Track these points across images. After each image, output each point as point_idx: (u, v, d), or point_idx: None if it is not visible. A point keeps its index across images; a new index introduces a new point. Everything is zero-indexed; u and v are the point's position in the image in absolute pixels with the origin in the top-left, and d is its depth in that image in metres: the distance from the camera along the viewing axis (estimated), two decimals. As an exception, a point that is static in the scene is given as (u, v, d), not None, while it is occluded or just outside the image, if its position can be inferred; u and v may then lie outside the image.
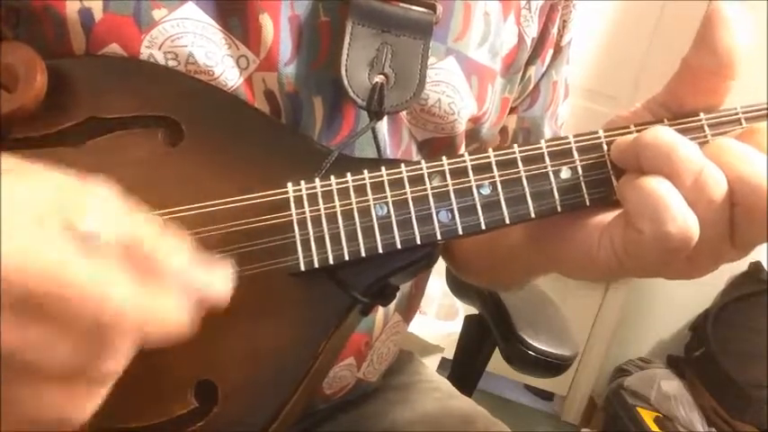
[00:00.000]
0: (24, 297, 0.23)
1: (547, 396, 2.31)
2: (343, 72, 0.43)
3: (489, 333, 0.87)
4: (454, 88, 0.49)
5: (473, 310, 0.93)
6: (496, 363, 0.86)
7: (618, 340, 2.15)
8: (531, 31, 0.55)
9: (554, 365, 0.80)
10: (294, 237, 0.38)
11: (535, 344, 0.79)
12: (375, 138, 0.44)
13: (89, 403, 0.27)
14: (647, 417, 1.84)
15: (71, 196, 0.26)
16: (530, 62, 0.56)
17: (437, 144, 0.52)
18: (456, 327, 1.47)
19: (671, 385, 1.89)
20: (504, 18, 0.52)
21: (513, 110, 0.59)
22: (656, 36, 1.94)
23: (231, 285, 0.30)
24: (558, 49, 0.58)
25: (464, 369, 0.94)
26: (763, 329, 1.80)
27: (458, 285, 0.95)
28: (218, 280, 0.29)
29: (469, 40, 0.50)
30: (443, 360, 1.54)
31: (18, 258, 0.23)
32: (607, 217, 0.37)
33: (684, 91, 0.36)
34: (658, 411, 1.86)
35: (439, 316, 1.62)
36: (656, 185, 0.32)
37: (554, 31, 0.56)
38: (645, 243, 0.33)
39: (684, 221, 0.32)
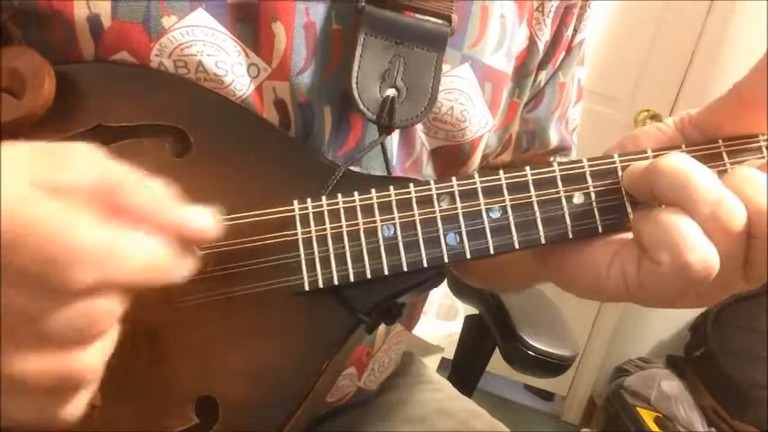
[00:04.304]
0: None
1: (547, 396, 2.31)
2: (354, 84, 0.42)
3: (489, 333, 0.87)
4: (467, 96, 0.49)
5: (473, 310, 0.93)
6: (496, 363, 0.87)
7: (618, 340, 2.14)
8: (544, 36, 0.53)
9: (554, 365, 0.80)
10: (299, 256, 0.37)
11: (535, 344, 0.79)
12: (384, 152, 0.44)
13: (83, 367, 0.26)
14: (647, 417, 1.84)
15: (46, 158, 0.26)
16: (541, 67, 0.55)
17: (448, 152, 0.51)
18: (456, 327, 1.48)
19: (671, 385, 1.89)
20: (519, 21, 0.51)
21: None
22: (656, 37, 1.94)
23: (217, 225, 0.29)
24: (567, 50, 0.56)
25: (464, 369, 0.94)
26: (763, 329, 1.80)
27: (458, 285, 0.95)
28: (198, 215, 0.28)
29: (485, 46, 0.49)
30: (443, 360, 1.54)
31: None
32: (614, 242, 0.36)
33: (727, 117, 0.35)
34: (658, 411, 1.86)
35: (439, 316, 1.62)
36: (673, 217, 0.31)
37: (568, 33, 0.55)
38: (663, 275, 0.32)
39: (704, 251, 0.31)
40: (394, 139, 0.48)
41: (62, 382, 0.26)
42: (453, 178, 0.37)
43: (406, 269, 0.37)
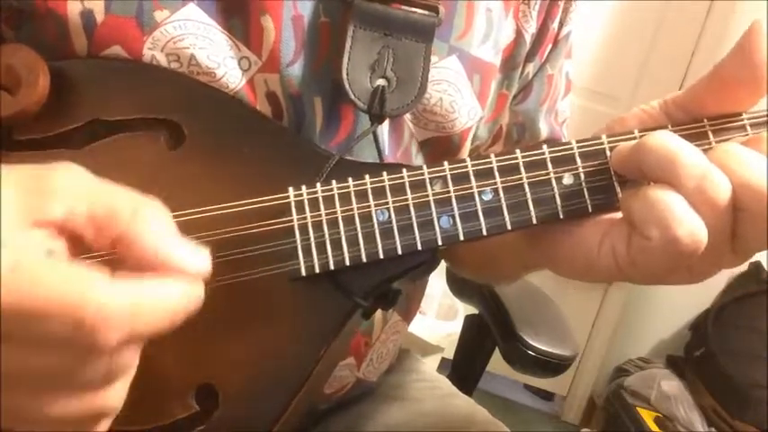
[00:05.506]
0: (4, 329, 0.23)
1: (547, 396, 2.31)
2: (345, 75, 0.43)
3: (489, 333, 0.87)
4: (456, 87, 0.49)
5: (473, 310, 0.93)
6: (496, 363, 0.87)
7: (618, 340, 2.15)
8: (531, 28, 0.54)
9: (554, 365, 0.80)
10: (295, 242, 0.38)
11: (535, 344, 0.79)
12: (376, 141, 0.44)
13: (109, 404, 0.27)
14: (647, 417, 1.84)
15: (35, 187, 0.26)
16: (528, 59, 0.56)
17: (438, 143, 0.51)
18: (456, 327, 1.48)
19: (671, 385, 1.89)
20: (505, 14, 0.52)
21: None
22: (656, 36, 1.94)
23: (208, 261, 0.28)
24: (554, 42, 0.57)
25: (464, 369, 0.95)
26: (763, 329, 1.80)
27: (458, 285, 0.95)
28: (193, 258, 0.28)
29: (472, 38, 0.50)
30: (443, 360, 1.54)
31: None
32: (603, 222, 0.36)
33: (710, 97, 0.35)
34: (658, 411, 1.86)
35: (439, 316, 1.63)
36: (660, 193, 0.32)
37: (554, 26, 0.56)
38: (653, 250, 0.32)
39: (692, 224, 0.31)
40: (384, 130, 0.49)
41: (92, 418, 0.27)
42: (445, 162, 0.38)
43: (400, 252, 0.37)
